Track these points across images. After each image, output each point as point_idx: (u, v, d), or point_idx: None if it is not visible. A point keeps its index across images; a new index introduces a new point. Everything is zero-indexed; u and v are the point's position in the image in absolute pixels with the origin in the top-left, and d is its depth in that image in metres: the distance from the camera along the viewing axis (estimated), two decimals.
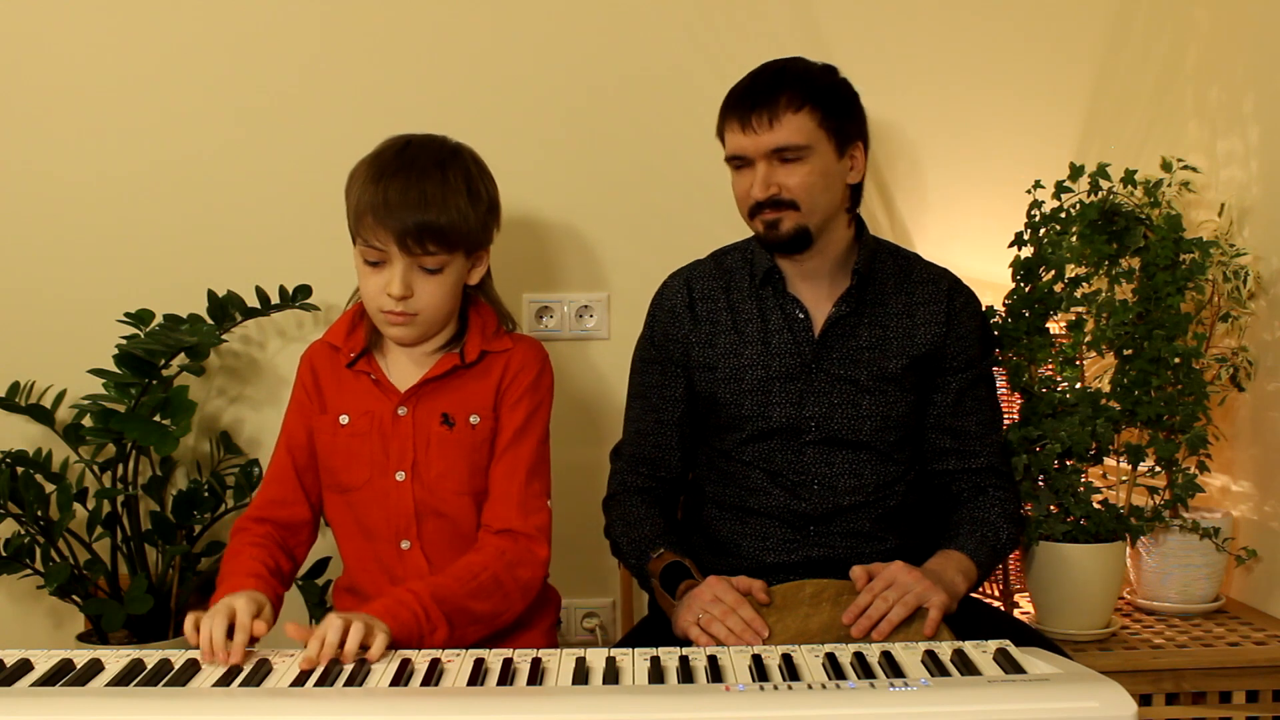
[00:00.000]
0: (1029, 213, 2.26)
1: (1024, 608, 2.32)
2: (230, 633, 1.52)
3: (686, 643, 1.74)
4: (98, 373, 2.20)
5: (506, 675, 1.43)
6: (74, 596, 2.25)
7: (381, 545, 1.85)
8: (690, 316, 2.01)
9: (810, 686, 1.34)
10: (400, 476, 1.84)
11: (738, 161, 1.93)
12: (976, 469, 2.01)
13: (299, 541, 1.89)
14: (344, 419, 1.86)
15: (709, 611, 1.74)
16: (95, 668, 1.46)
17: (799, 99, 1.87)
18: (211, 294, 2.30)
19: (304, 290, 2.32)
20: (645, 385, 2.06)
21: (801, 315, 1.96)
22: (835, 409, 1.95)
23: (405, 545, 1.84)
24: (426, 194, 1.75)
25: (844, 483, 1.95)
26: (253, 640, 1.55)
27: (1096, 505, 2.15)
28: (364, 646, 1.51)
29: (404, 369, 1.87)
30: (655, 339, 2.05)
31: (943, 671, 1.42)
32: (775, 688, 1.34)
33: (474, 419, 1.85)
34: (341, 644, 1.49)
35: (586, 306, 2.51)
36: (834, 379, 1.95)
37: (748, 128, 1.88)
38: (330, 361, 1.90)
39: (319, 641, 1.49)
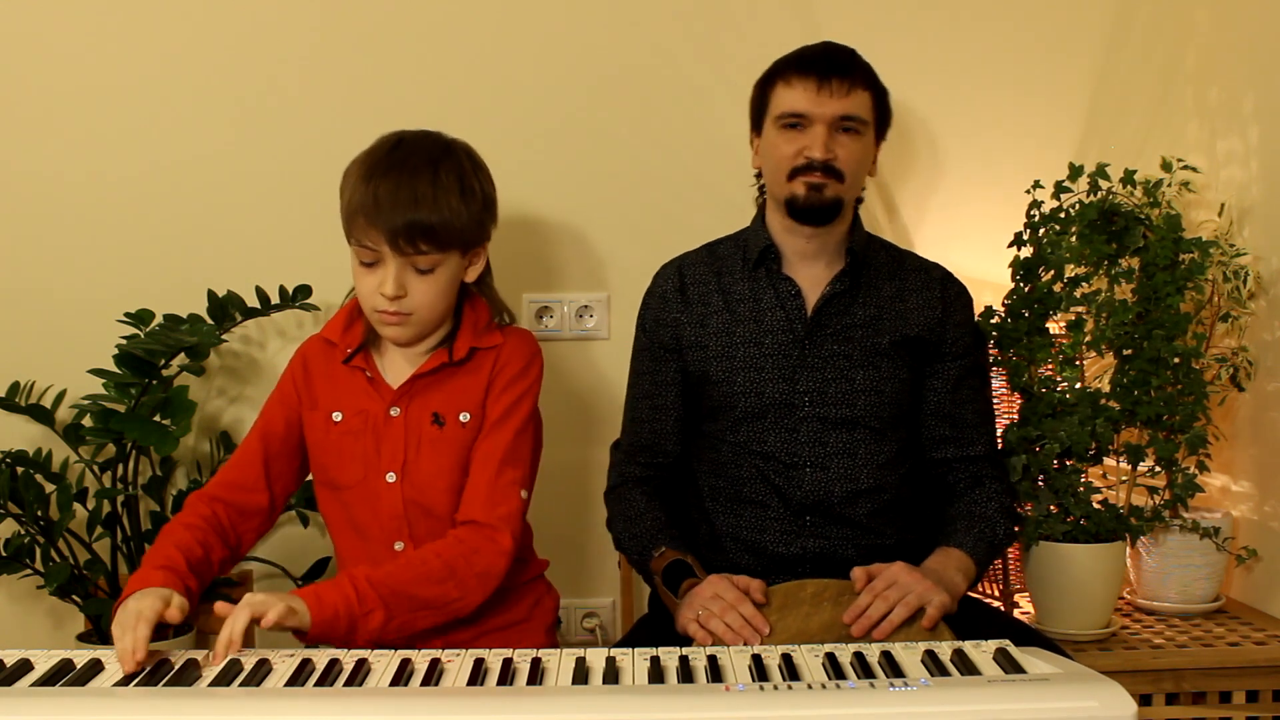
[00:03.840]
0: (1028, 213, 2.26)
1: (1024, 608, 2.32)
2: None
3: (689, 640, 1.75)
4: (98, 373, 2.19)
5: (506, 675, 1.43)
6: (74, 596, 2.25)
7: (374, 545, 1.84)
8: (681, 300, 2.04)
9: (810, 686, 1.34)
10: (391, 478, 1.82)
11: (794, 119, 1.92)
12: (974, 457, 2.02)
13: (249, 528, 1.86)
14: (337, 416, 1.85)
15: (708, 608, 1.74)
16: (95, 668, 1.47)
17: (867, 79, 1.96)
18: (211, 294, 2.29)
19: (304, 290, 2.32)
20: (639, 373, 2.09)
21: (794, 292, 1.98)
22: (829, 384, 1.96)
23: (399, 546, 1.83)
24: (418, 193, 1.73)
25: (836, 464, 1.95)
26: (167, 627, 1.58)
27: (1096, 505, 2.15)
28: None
29: (398, 367, 1.86)
30: (647, 326, 2.08)
31: (942, 671, 1.42)
32: (775, 688, 1.34)
33: (464, 417, 1.83)
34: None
35: (586, 306, 2.51)
36: (827, 354, 1.97)
37: (824, 89, 1.90)
38: (325, 357, 1.89)
39: (225, 639, 1.52)
